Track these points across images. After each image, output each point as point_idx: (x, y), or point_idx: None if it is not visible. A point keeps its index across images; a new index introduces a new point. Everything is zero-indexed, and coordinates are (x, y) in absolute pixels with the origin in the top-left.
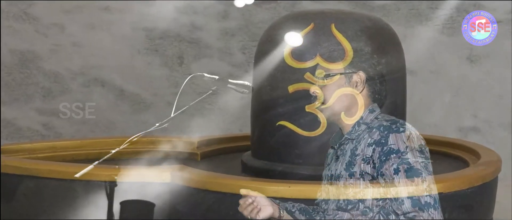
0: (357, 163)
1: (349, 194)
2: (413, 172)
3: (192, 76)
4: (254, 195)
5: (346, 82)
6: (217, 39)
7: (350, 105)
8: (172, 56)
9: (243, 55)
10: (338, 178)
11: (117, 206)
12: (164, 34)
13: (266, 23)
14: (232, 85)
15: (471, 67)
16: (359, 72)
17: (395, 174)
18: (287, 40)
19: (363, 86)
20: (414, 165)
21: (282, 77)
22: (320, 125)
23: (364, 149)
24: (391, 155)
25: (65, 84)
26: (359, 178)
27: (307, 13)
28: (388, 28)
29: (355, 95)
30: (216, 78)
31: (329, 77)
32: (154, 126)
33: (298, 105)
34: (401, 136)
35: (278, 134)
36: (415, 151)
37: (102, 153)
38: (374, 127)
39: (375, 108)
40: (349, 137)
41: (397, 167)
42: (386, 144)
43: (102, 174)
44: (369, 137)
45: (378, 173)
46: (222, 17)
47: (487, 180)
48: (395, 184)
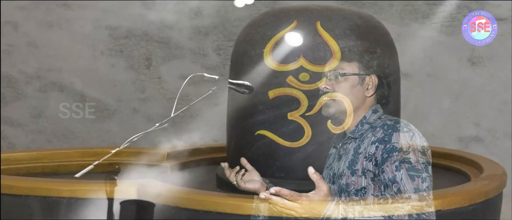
0: (360, 161)
1: (351, 192)
2: (414, 171)
3: (192, 76)
4: (249, 168)
5: (359, 83)
6: (189, 39)
7: (357, 106)
8: (139, 57)
9: (218, 57)
10: (341, 176)
11: (117, 206)
12: (130, 33)
13: (243, 21)
14: (232, 86)
15: (472, 70)
16: (372, 76)
17: (396, 171)
18: (268, 40)
19: (374, 90)
20: (416, 165)
21: (261, 81)
22: (304, 135)
23: (367, 147)
24: (394, 152)
25: (19, 89)
26: (361, 176)
27: (290, 9)
28: (381, 26)
29: (364, 96)
30: (216, 78)
31: (344, 77)
32: (154, 125)
33: (279, 112)
34: (404, 135)
35: (257, 145)
36: (417, 151)
37: (60, 165)
38: (378, 126)
39: (379, 108)
40: (352, 136)
41: (398, 164)
42: (389, 141)
43: (61, 189)
44: (373, 136)
45: (379, 170)
46: (194, 14)
47: (490, 196)
48: (396, 182)
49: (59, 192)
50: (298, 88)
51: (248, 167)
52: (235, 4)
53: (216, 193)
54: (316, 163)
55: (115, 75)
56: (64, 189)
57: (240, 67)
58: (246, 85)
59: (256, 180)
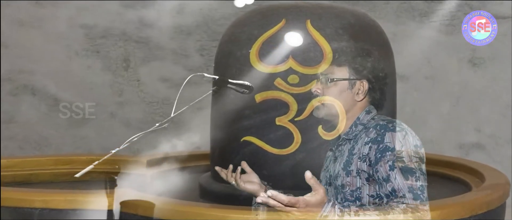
0: (354, 162)
1: (347, 192)
2: (407, 171)
3: (192, 76)
4: (248, 171)
5: (348, 88)
6: (170, 39)
7: (348, 109)
8: (116, 58)
9: (201, 58)
10: (336, 177)
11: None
12: (107, 33)
13: (228, 20)
14: (232, 86)
15: (473, 72)
16: (363, 81)
17: (390, 170)
18: (254, 39)
19: (365, 96)
20: (409, 164)
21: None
22: (293, 141)
23: (361, 148)
24: (387, 152)
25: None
26: (356, 176)
27: (278, 7)
28: (375, 25)
29: (354, 100)
30: (216, 78)
31: (333, 82)
32: (154, 125)
33: (267, 117)
34: (397, 135)
35: (243, 152)
36: (410, 150)
37: (32, 174)
38: (371, 126)
39: (372, 109)
40: (347, 137)
41: (392, 164)
42: (382, 141)
43: (33, 200)
44: (366, 136)
45: (373, 170)
46: (176, 12)
47: (492, 207)
48: (390, 181)
49: (31, 202)
50: (287, 92)
51: (247, 169)
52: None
53: (200, 203)
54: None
55: (91, 78)
56: (36, 199)
57: (225, 69)
58: (246, 85)
59: (255, 181)
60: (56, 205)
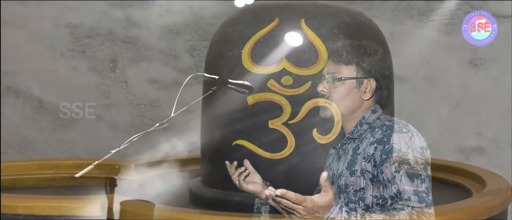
0: (359, 162)
1: (350, 192)
2: (413, 173)
3: (193, 75)
4: (251, 170)
5: (356, 87)
6: (159, 38)
7: (355, 108)
8: (103, 59)
9: (191, 58)
10: (340, 177)
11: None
12: (93, 32)
13: (219, 19)
14: (232, 86)
15: (474, 73)
16: (370, 80)
17: (396, 172)
18: (246, 39)
19: (372, 95)
20: (415, 166)
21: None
22: (286, 145)
23: (366, 148)
24: (393, 153)
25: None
26: (360, 176)
27: (271, 6)
28: (372, 24)
29: (361, 99)
30: (216, 78)
31: (340, 81)
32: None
33: (259, 120)
34: (403, 136)
35: (234, 156)
36: (416, 153)
37: (16, 179)
38: (377, 126)
39: (377, 109)
40: (351, 137)
41: (398, 166)
42: (388, 142)
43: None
44: (372, 136)
45: (378, 171)
46: (165, 10)
47: (494, 213)
48: (395, 183)
49: (15, 208)
50: (280, 93)
51: (250, 169)
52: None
53: (190, 209)
54: (300, 176)
55: (77, 79)
56: (20, 205)
57: (216, 70)
58: (246, 85)
59: (257, 182)
60: (40, 212)
